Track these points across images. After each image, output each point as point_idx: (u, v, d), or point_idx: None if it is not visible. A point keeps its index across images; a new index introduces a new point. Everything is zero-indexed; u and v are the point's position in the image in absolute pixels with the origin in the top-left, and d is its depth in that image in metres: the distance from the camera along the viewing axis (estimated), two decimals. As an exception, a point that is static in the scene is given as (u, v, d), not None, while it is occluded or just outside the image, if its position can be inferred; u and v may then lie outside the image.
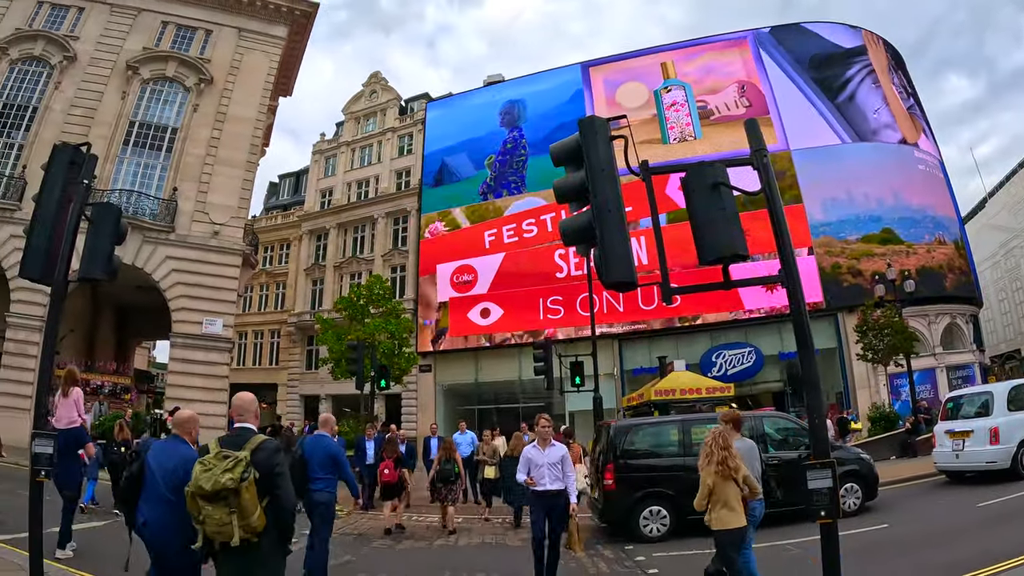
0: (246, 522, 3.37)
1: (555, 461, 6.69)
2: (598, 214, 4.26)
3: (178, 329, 20.49)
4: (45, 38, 23.05)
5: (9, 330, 19.99)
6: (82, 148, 6.13)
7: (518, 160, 30.62)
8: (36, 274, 5.71)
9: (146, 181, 21.68)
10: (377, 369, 19.65)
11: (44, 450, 5.51)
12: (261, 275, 36.20)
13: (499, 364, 28.68)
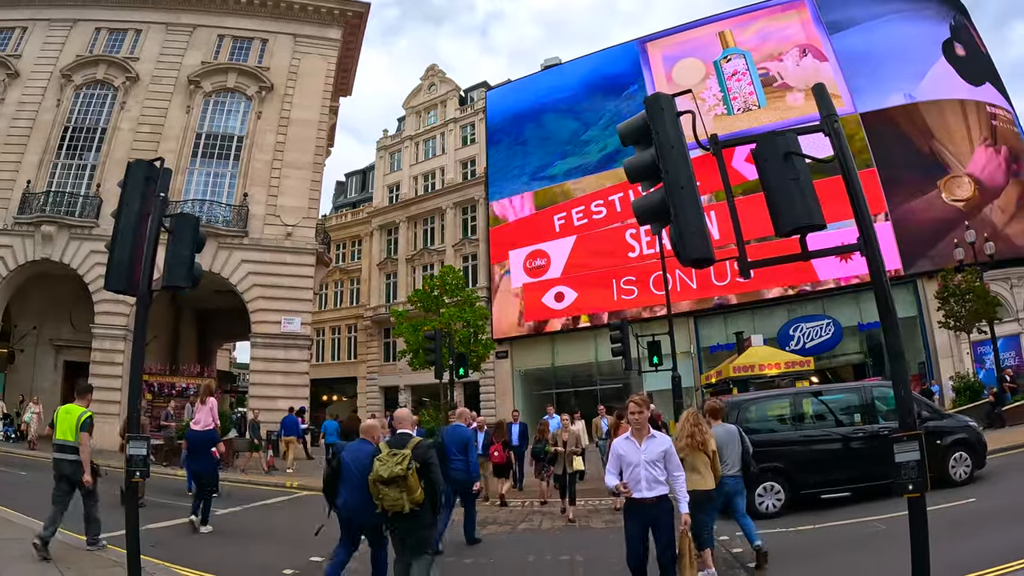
0: (412, 497, 4.98)
1: (654, 459, 4.96)
2: (671, 191, 4.24)
3: (257, 329, 21.25)
4: (106, 62, 24.46)
5: (95, 340, 21.43)
6: (155, 163, 6.22)
7: (582, 142, 29.83)
8: (121, 286, 5.83)
9: (217, 189, 22.61)
10: (455, 358, 19.69)
11: (138, 452, 5.68)
12: (335, 272, 37.03)
13: (575, 347, 28.28)
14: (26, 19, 25.78)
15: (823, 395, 10.70)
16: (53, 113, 23.82)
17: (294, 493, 14.06)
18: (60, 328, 23.57)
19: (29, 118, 23.84)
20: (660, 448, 5.00)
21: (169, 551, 7.45)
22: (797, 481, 9.17)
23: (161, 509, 10.40)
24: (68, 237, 22.10)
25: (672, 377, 17.82)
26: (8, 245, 22.31)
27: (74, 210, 22.45)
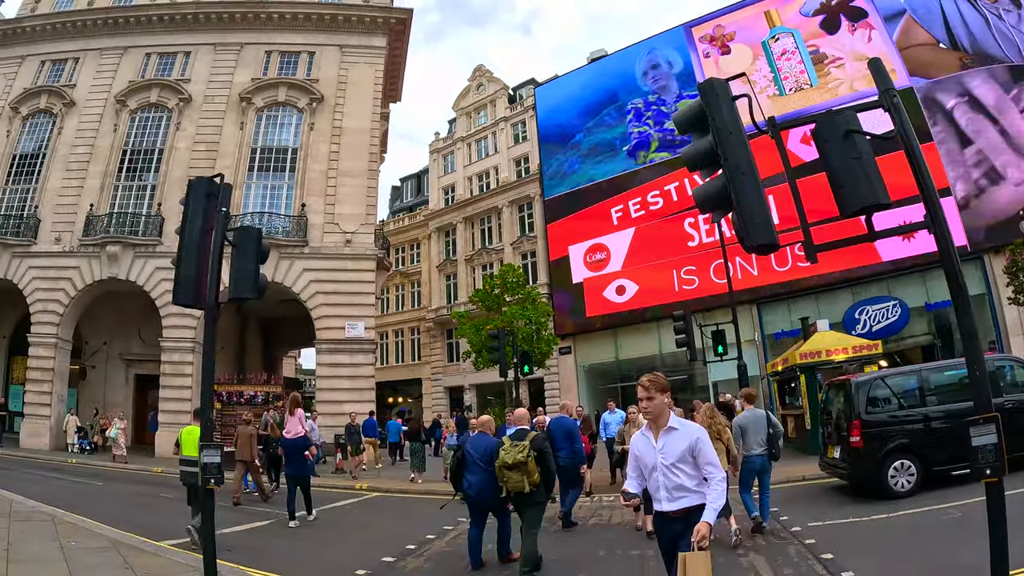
0: (531, 479, 6.45)
1: (676, 459, 3.69)
2: (732, 178, 4.17)
3: (322, 336, 21.50)
4: (159, 85, 25.14)
5: (164, 353, 21.96)
6: (215, 179, 6.38)
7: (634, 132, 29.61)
8: (189, 300, 6.00)
9: (275, 201, 23.00)
10: (519, 355, 19.74)
11: (212, 460, 5.82)
12: (395, 276, 37.43)
13: (638, 339, 27.91)
14: (78, 50, 26.69)
15: (948, 370, 10.46)
16: (111, 138, 24.54)
17: (364, 495, 14.23)
18: (129, 343, 24.15)
19: (88, 144, 24.61)
20: (683, 444, 3.67)
21: (243, 555, 7.59)
22: (929, 458, 9.03)
23: (235, 514, 10.69)
24: (133, 255, 22.68)
25: (738, 366, 17.67)
26: (75, 266, 23.03)
27: (137, 229, 23.04)
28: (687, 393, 24.17)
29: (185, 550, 7.61)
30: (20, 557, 6.49)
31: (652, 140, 28.92)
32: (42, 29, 27.15)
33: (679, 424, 3.79)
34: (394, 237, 37.48)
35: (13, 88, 26.58)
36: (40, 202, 24.35)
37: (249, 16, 25.31)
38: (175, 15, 25.85)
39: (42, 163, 25.05)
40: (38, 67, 26.94)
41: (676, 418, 3.83)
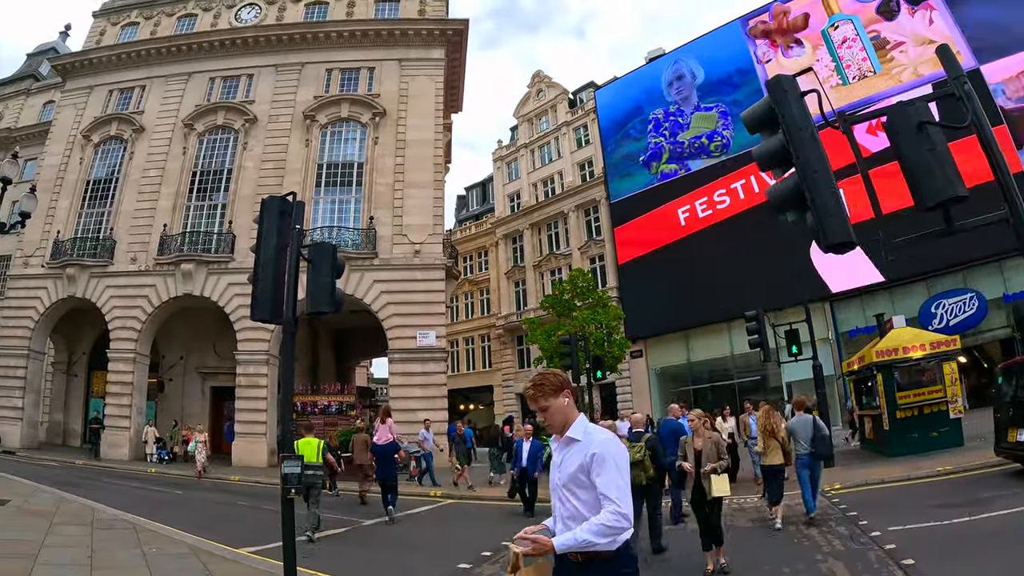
0: (648, 474, 7.81)
1: (567, 480, 2.82)
2: (805, 176, 4.08)
3: (394, 345, 21.75)
4: (224, 108, 25.89)
5: (239, 366, 22.45)
6: (288, 197, 6.55)
7: (699, 130, 29.52)
8: (266, 316, 6.15)
9: (343, 215, 23.43)
10: (591, 360, 19.72)
11: (292, 471, 5.96)
12: (464, 284, 37.89)
13: (709, 341, 27.73)
14: (144, 78, 27.69)
15: None
16: (180, 160, 25.34)
17: (439, 501, 14.31)
18: (205, 357, 24.80)
19: (159, 167, 25.45)
20: (578, 460, 2.77)
21: (321, 562, 7.72)
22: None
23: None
24: (206, 273, 23.31)
25: (813, 366, 17.40)
26: (151, 284, 23.77)
27: (209, 247, 23.68)
28: (759, 394, 23.83)
29: (264, 557, 7.72)
30: (103, 564, 6.66)
31: (663, 152, 28.92)
32: (108, 60, 28.26)
33: (582, 434, 2.83)
34: (462, 246, 37.77)
35: (84, 117, 27.68)
36: (115, 224, 25.25)
37: (308, 36, 25.98)
38: (236, 39, 26.67)
39: (115, 187, 25.98)
40: (106, 96, 28.01)
41: (582, 425, 2.87)
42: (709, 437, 7.38)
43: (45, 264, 25.38)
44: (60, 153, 27.45)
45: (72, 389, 28.36)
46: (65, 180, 26.78)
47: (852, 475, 12.74)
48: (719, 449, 7.33)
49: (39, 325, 25.16)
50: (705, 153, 29.08)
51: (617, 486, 2.68)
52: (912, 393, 14.98)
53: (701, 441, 7.40)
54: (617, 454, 2.76)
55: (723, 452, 7.38)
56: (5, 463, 17.71)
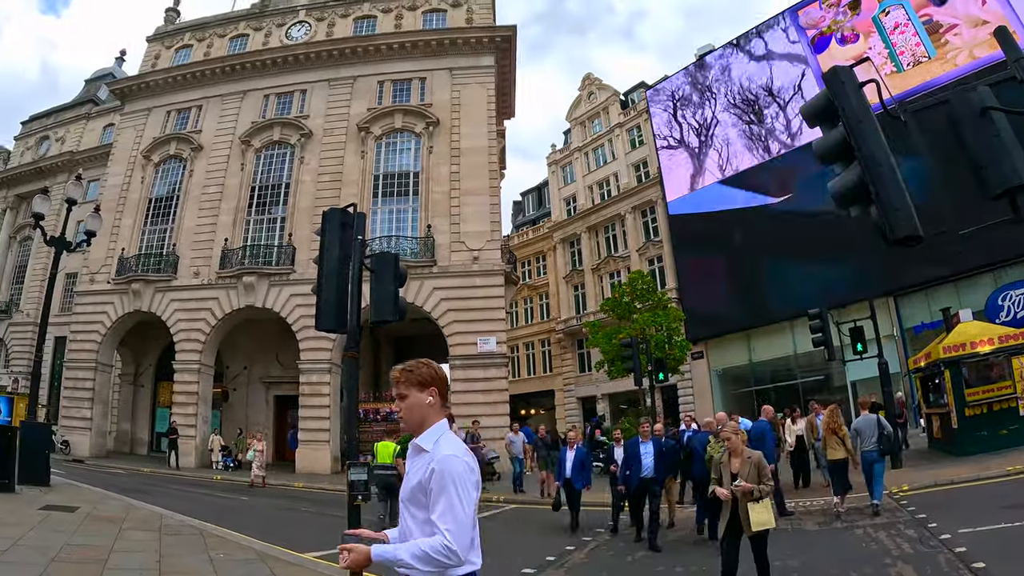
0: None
1: (407, 495, 2.45)
2: (868, 169, 3.99)
3: (455, 352, 21.89)
4: (280, 124, 26.48)
5: (302, 375, 22.84)
6: (348, 209, 6.62)
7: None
8: (331, 326, 6.22)
9: (401, 224, 23.73)
10: (653, 363, 19.64)
11: (359, 477, 6.09)
12: (523, 289, 37.90)
13: (771, 341, 27.24)
14: (200, 98, 28.50)
15: None
16: (239, 176, 26.00)
17: (502, 507, 14.26)
18: (268, 366, 25.32)
19: (218, 184, 26.13)
20: (420, 474, 2.35)
21: (383, 568, 7.66)
22: None
23: (375, 527, 10.74)
24: (268, 284, 23.81)
25: (878, 364, 16.97)
26: (214, 297, 24.38)
27: (270, 260, 24.20)
28: (823, 394, 23.33)
29: (330, 562, 7.71)
30: (172, 569, 6.72)
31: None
32: (164, 82, 29.18)
33: (431, 444, 2.40)
34: (520, 251, 37.98)
35: (143, 138, 28.61)
36: (177, 240, 25.99)
37: (358, 50, 26.45)
38: (287, 56, 27.30)
39: (176, 204, 26.78)
40: (164, 117, 28.92)
41: (435, 434, 2.43)
42: (748, 457, 5.96)
43: (111, 280, 26.25)
44: (122, 173, 28.43)
45: (139, 400, 29.21)
46: (128, 199, 27.70)
47: (920, 476, 12.38)
48: (761, 471, 5.83)
49: (106, 339, 26.00)
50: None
51: (454, 516, 2.23)
52: (981, 390, 14.49)
53: (739, 461, 5.93)
54: (461, 475, 2.28)
55: (766, 475, 5.88)
56: (75, 471, 18.17)
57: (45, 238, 13.54)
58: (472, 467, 2.35)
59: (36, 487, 11.69)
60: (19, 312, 36.88)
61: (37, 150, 40.71)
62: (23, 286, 37.63)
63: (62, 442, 24.22)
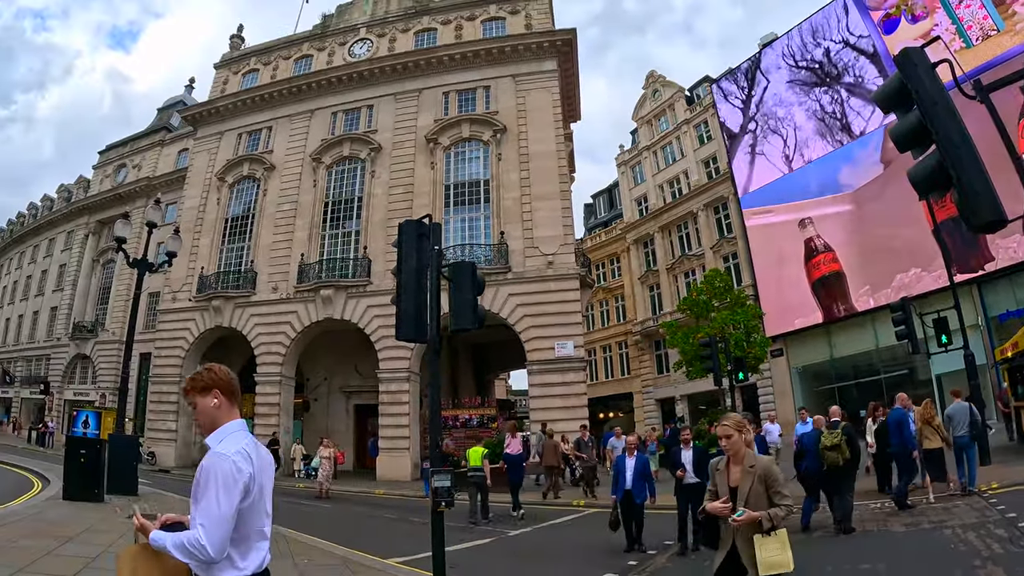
0: (844, 456, 8.82)
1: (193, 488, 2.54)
2: (946, 152, 3.86)
3: (532, 357, 21.89)
4: (349, 139, 27.07)
5: (381, 384, 23.20)
6: (424, 220, 6.61)
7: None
8: (411, 335, 6.23)
9: (473, 232, 23.95)
10: (732, 362, 19.30)
11: (442, 484, 6.05)
12: (599, 292, 37.96)
13: (852, 335, 26.39)
14: (269, 119, 29.45)
15: None
16: (312, 193, 26.71)
17: (581, 511, 14.10)
18: (348, 376, 25.88)
19: (292, 201, 26.91)
20: (198, 472, 2.43)
21: (466, 572, 7.66)
22: None
23: (461, 532, 10.76)
24: (345, 297, 24.34)
25: (965, 356, 16.07)
26: (293, 311, 25.06)
27: (346, 272, 24.75)
28: (907, 389, 22.34)
29: (412, 567, 7.79)
30: None
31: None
32: (234, 106, 30.29)
33: (216, 442, 2.49)
34: (593, 254, 37.88)
35: (217, 161, 29.74)
36: (255, 257, 26.88)
37: (421, 63, 26.88)
38: (352, 74, 27.95)
39: (252, 222, 27.71)
40: (236, 139, 30.01)
41: (220, 435, 2.52)
42: (752, 466, 3.93)
43: (192, 298, 27.32)
44: (198, 195, 29.63)
45: (222, 413, 30.23)
46: (205, 220, 28.83)
47: (1009, 473, 11.68)
48: (771, 485, 3.86)
49: (189, 354, 27.05)
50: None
51: (212, 515, 2.27)
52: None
53: (739, 471, 3.98)
54: (226, 474, 2.31)
55: (779, 490, 3.85)
56: (161, 480, 18.81)
57: (128, 260, 14.19)
58: (240, 468, 2.34)
59: (124, 496, 12.21)
60: (105, 331, 38.77)
61: (115, 177, 42.82)
62: (108, 306, 39.57)
63: (148, 453, 25.27)
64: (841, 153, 26.95)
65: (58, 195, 50.25)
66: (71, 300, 41.92)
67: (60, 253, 45.66)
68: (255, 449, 2.49)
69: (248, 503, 2.37)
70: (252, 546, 2.43)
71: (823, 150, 28.16)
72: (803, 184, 28.24)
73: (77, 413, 14.12)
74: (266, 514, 2.50)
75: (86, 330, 39.61)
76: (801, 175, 28.50)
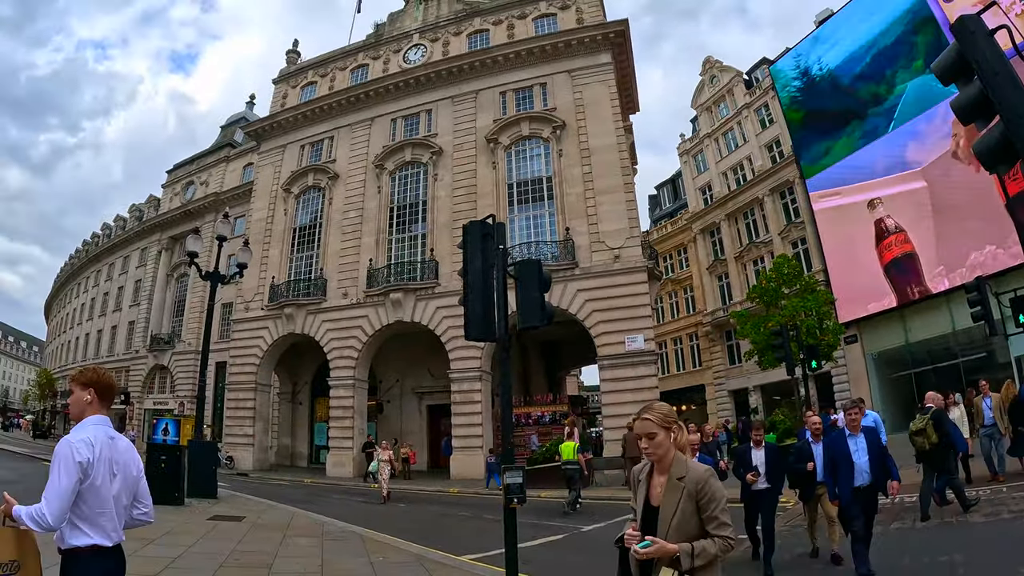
0: (930, 441, 9.02)
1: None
2: (1010, 124, 3.73)
3: (603, 352, 21.83)
4: (410, 145, 27.50)
5: (453, 384, 23.47)
6: (488, 220, 6.64)
7: (892, 86, 27.22)
8: (480, 335, 6.27)
9: (538, 229, 24.05)
10: (805, 350, 18.88)
11: (515, 481, 6.02)
12: (667, 284, 37.70)
13: (927, 319, 25.33)
14: (330, 129, 30.23)
15: None
16: (376, 199, 27.31)
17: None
18: (420, 378, 26.38)
19: (357, 208, 27.57)
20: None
21: (540, 568, 7.57)
22: None
23: (532, 529, 10.68)
24: (415, 299, 24.78)
25: None
26: (364, 315, 25.65)
27: (415, 276, 25.20)
28: (987, 373, 21.36)
29: (486, 564, 7.80)
30: (334, 572, 6.97)
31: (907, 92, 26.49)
32: (295, 119, 31.19)
33: (73, 431, 2.92)
34: (660, 245, 37.69)
35: (281, 173, 30.70)
36: (323, 264, 27.65)
37: (476, 65, 27.13)
38: (408, 80, 28.43)
39: (319, 231, 28.52)
40: (299, 151, 30.91)
41: (83, 425, 2.93)
42: (680, 479, 2.77)
43: (264, 307, 28.29)
44: (265, 208, 30.66)
45: (297, 416, 31.32)
46: (273, 231, 29.81)
47: None
48: (704, 505, 2.69)
49: (264, 361, 28.04)
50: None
51: (52, 489, 2.67)
52: None
53: (663, 483, 2.86)
54: (66, 456, 2.72)
55: (719, 517, 2.67)
56: (239, 484, 19.43)
57: (201, 274, 14.79)
58: (79, 452, 2.73)
59: (204, 499, 12.76)
60: (181, 342, 40.58)
61: (184, 195, 44.76)
62: (183, 318, 41.39)
63: (227, 458, 26.19)
64: (906, 129, 25.92)
65: (130, 214, 52.84)
66: (147, 314, 43.99)
67: (135, 269, 48.00)
68: (106, 441, 2.87)
69: (88, 484, 2.75)
70: (98, 522, 2.79)
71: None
72: (869, 163, 27.27)
73: (157, 421, 14.65)
74: (113, 497, 2.86)
75: (163, 342, 41.52)
76: (867, 154, 27.51)
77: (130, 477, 2.98)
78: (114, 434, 2.97)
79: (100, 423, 2.95)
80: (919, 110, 25.25)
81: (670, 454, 2.86)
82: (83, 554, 2.75)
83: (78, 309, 57.28)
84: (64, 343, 59.90)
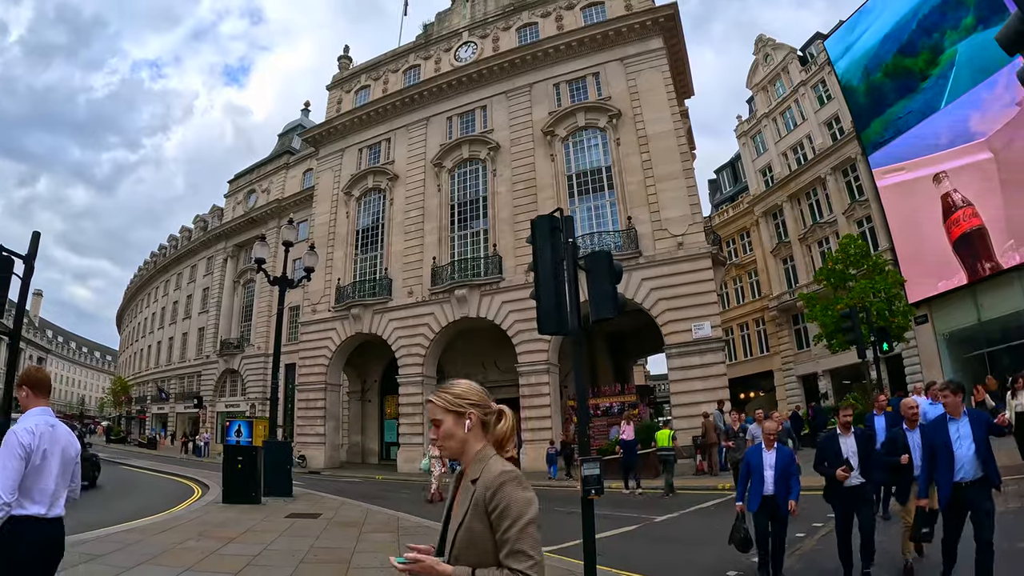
0: None
1: None
2: None
3: (670, 340, 21.75)
4: (467, 142, 27.84)
5: (521, 377, 23.73)
6: (555, 214, 6.64)
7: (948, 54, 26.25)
8: (553, 329, 6.31)
9: (600, 220, 24.10)
10: (875, 332, 18.45)
11: (592, 472, 6.01)
12: (731, 269, 37.28)
13: (1000, 295, 24.15)
14: (387, 131, 30.88)
15: None
16: (437, 197, 27.81)
17: (727, 495, 13.75)
18: (487, 372, 26.81)
19: (418, 207, 28.14)
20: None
21: (613, 559, 7.59)
22: None
23: (604, 520, 10.52)
24: (479, 295, 25.19)
25: None
26: (430, 313, 26.20)
27: (478, 271, 25.60)
28: None
29: (561, 556, 7.85)
30: None
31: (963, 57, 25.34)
32: (351, 123, 31.98)
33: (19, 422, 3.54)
34: (722, 230, 37.28)
35: (341, 177, 31.55)
36: (388, 264, 28.34)
37: (528, 58, 27.29)
38: (461, 77, 28.80)
39: (382, 232, 29.23)
40: (357, 154, 31.69)
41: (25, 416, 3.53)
42: (472, 482, 2.03)
43: (331, 309, 29.18)
44: (327, 212, 31.58)
45: (367, 414, 32.23)
46: (336, 233, 30.70)
47: None
48: (497, 522, 1.90)
49: (332, 361, 28.94)
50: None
51: (2, 470, 3.20)
52: None
53: (460, 491, 2.16)
54: (9, 443, 3.28)
55: (515, 546, 1.85)
56: (312, 482, 19.93)
57: (269, 279, 15.33)
58: (21, 439, 3.29)
59: (280, 498, 13.19)
60: (250, 346, 42.19)
61: (246, 203, 46.40)
62: (251, 323, 43.00)
63: (299, 457, 26.93)
64: (967, 99, 24.83)
65: (195, 225, 55.07)
66: (216, 320, 45.89)
67: (203, 278, 50.09)
68: (47, 428, 3.43)
69: (31, 466, 3.29)
70: (37, 498, 3.32)
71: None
72: (933, 135, 26.23)
73: (230, 423, 15.01)
74: (52, 476, 3.40)
75: (233, 346, 43.23)
76: (929, 126, 26.47)
77: (68, 458, 3.54)
78: (54, 422, 3.52)
79: (42, 413, 3.50)
80: (975, 75, 24.16)
81: (470, 449, 2.10)
82: (23, 522, 3.26)
83: (149, 318, 60.08)
84: (137, 351, 62.98)
